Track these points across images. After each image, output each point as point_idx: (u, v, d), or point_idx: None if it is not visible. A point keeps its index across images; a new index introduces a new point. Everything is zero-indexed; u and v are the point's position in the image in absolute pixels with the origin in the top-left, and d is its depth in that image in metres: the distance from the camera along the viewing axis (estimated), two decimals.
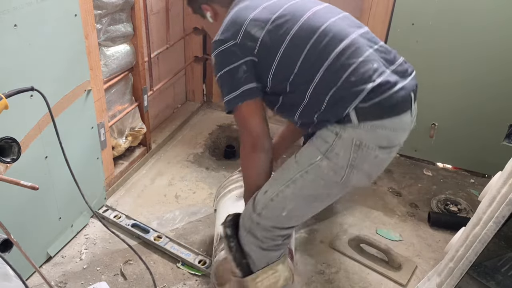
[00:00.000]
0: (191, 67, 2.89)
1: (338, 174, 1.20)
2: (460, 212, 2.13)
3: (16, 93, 1.07)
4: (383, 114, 1.16)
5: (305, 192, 1.24)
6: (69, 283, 1.66)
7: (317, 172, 1.21)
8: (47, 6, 1.43)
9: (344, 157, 1.18)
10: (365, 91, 1.14)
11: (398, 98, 1.17)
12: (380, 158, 1.20)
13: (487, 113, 2.24)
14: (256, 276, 1.28)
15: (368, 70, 1.17)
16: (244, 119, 1.27)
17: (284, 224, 1.28)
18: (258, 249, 1.29)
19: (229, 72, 1.24)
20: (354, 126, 1.16)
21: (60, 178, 1.67)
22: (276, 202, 1.25)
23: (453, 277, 1.18)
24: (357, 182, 1.23)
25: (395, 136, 1.20)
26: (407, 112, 1.21)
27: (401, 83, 1.19)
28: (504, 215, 1.03)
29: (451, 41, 2.16)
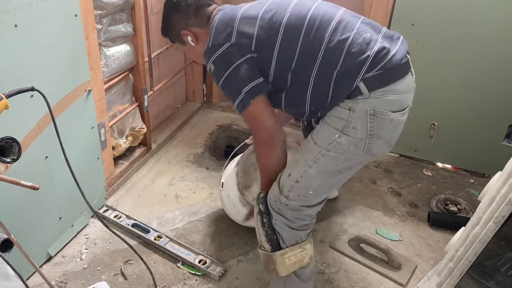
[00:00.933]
0: (191, 67, 2.89)
1: (359, 147, 1.25)
2: (459, 212, 2.13)
3: (16, 93, 1.07)
4: (389, 79, 1.23)
5: (328, 168, 1.29)
6: (70, 283, 1.66)
7: (337, 149, 1.26)
8: (48, 6, 1.43)
9: (362, 129, 1.23)
10: (369, 59, 1.21)
11: (397, 62, 1.25)
12: (395, 122, 1.26)
13: (487, 113, 2.24)
14: (285, 252, 1.33)
15: (364, 39, 1.24)
16: (255, 117, 1.30)
17: (312, 202, 1.33)
18: (288, 228, 1.33)
19: (231, 74, 1.27)
20: (365, 97, 1.22)
21: (61, 178, 1.67)
22: (302, 182, 1.29)
23: (453, 277, 1.18)
24: (379, 150, 1.29)
25: (404, 99, 1.27)
26: (409, 74, 1.30)
27: (394, 48, 1.27)
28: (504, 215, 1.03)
29: (451, 41, 2.16)
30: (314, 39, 1.25)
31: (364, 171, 2.42)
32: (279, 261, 1.33)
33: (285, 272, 1.34)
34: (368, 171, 2.42)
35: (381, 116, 1.23)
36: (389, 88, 1.23)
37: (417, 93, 1.39)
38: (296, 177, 1.30)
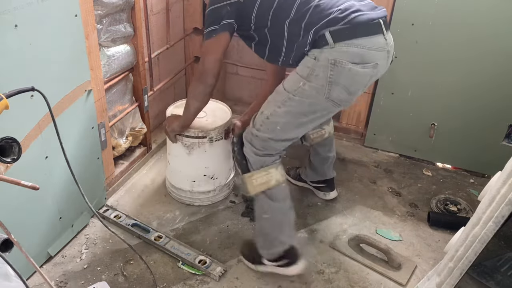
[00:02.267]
0: (191, 67, 2.89)
1: (320, 92, 1.45)
2: (459, 212, 2.13)
3: (16, 93, 1.07)
4: (354, 34, 1.41)
5: (294, 110, 1.50)
6: (70, 283, 1.67)
7: (302, 94, 1.47)
8: (48, 6, 1.43)
9: (323, 76, 1.43)
10: (334, 13, 1.41)
11: (365, 20, 1.42)
12: (353, 71, 1.42)
13: (486, 113, 2.24)
14: (252, 174, 1.59)
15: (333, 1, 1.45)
16: (205, 51, 1.58)
17: (279, 137, 1.55)
18: (255, 155, 1.58)
19: (216, 8, 1.53)
20: (330, 46, 1.41)
21: (61, 178, 1.67)
22: (271, 119, 1.53)
23: (453, 277, 1.18)
24: (338, 96, 1.46)
25: (368, 54, 1.43)
26: (379, 35, 1.46)
27: (367, 11, 1.45)
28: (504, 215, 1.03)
29: (451, 41, 2.16)
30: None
31: (364, 171, 2.42)
32: (248, 182, 1.60)
33: (253, 191, 1.61)
34: (368, 171, 2.42)
35: (340, 65, 1.41)
36: (353, 41, 1.41)
37: (417, 93, 1.40)
38: (267, 115, 1.55)
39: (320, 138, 1.94)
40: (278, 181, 1.59)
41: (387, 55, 1.52)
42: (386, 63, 1.55)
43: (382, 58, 1.50)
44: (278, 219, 1.65)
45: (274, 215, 1.63)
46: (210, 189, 2.08)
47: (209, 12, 1.55)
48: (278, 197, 1.61)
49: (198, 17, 2.67)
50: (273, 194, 1.60)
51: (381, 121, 2.49)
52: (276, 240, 1.66)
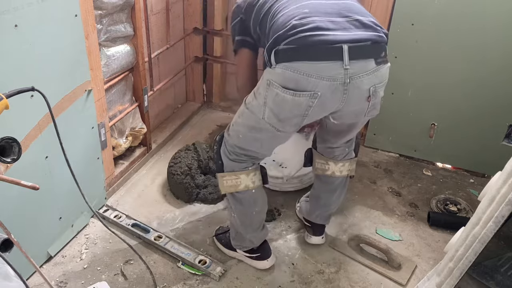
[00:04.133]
0: (191, 67, 2.89)
1: (260, 111, 1.42)
2: (459, 212, 2.13)
3: (16, 93, 1.07)
4: (296, 56, 1.28)
5: (247, 122, 1.49)
6: (70, 283, 1.67)
7: (251, 109, 1.47)
8: (48, 6, 1.43)
9: (262, 95, 1.40)
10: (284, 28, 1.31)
11: (316, 41, 1.26)
12: (280, 97, 1.33)
13: (486, 113, 2.24)
14: (223, 175, 1.60)
15: (297, 14, 1.33)
16: (237, 63, 1.88)
17: (244, 146, 1.55)
18: (226, 157, 1.59)
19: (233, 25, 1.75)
20: (273, 66, 1.34)
21: (61, 178, 1.67)
22: (234, 127, 1.55)
23: (453, 277, 1.18)
24: (270, 119, 1.41)
25: (305, 81, 1.28)
26: (332, 62, 1.27)
27: (331, 32, 1.28)
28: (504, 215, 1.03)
29: (451, 41, 2.16)
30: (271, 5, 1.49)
31: (364, 171, 2.42)
32: (220, 181, 1.62)
33: (223, 190, 1.63)
34: (368, 171, 2.42)
35: (272, 87, 1.34)
36: (292, 64, 1.28)
37: (417, 93, 1.38)
38: (232, 122, 1.57)
39: (321, 172, 1.77)
40: (247, 187, 1.59)
41: (344, 88, 1.30)
42: (343, 97, 1.32)
43: (329, 90, 1.29)
44: (245, 220, 1.67)
45: (239, 216, 1.67)
46: (278, 176, 2.12)
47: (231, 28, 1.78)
48: (244, 202, 1.63)
49: (198, 17, 2.68)
50: (241, 198, 1.62)
51: (381, 121, 2.49)
52: (245, 238, 1.72)
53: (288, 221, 2.04)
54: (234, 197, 1.64)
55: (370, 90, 1.35)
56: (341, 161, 1.74)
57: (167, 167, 2.17)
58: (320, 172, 1.79)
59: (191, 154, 2.18)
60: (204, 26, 2.74)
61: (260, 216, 1.70)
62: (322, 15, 1.32)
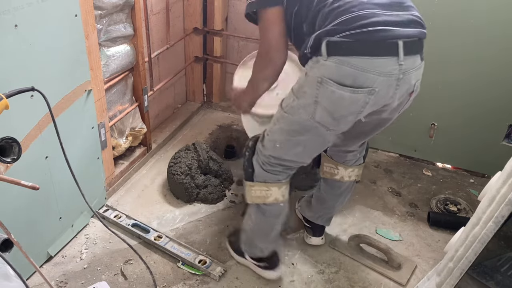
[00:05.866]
0: (191, 67, 2.89)
1: (307, 111, 1.32)
2: (459, 212, 2.13)
3: (16, 93, 1.07)
4: (353, 50, 1.20)
5: (287, 127, 1.41)
6: (70, 283, 1.67)
7: (291, 111, 1.37)
8: (48, 6, 1.43)
9: (310, 94, 1.29)
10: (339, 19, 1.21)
11: (375, 37, 1.19)
12: (337, 95, 1.25)
13: (486, 113, 2.24)
14: (253, 185, 1.53)
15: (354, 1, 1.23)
16: (264, 27, 1.40)
17: (281, 156, 1.46)
18: (259, 167, 1.51)
19: None
20: (323, 58, 1.24)
21: (61, 178, 1.67)
22: (270, 136, 1.46)
23: (453, 277, 1.18)
24: (321, 119, 1.32)
25: (363, 77, 1.22)
26: (388, 57, 1.22)
27: (392, 27, 1.21)
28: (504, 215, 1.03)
29: (451, 41, 2.16)
30: None
31: (364, 171, 2.41)
32: (247, 190, 1.55)
33: (250, 200, 1.56)
34: (368, 171, 2.42)
35: (325, 84, 1.25)
36: (348, 59, 1.21)
37: (417, 93, 1.38)
38: (267, 131, 1.48)
39: (330, 176, 1.73)
40: (277, 200, 1.53)
41: (397, 83, 1.27)
42: (394, 93, 1.29)
43: (385, 85, 1.25)
44: (263, 231, 1.63)
45: (261, 226, 1.62)
46: None
47: None
48: (271, 214, 1.58)
49: (198, 17, 2.68)
50: (267, 210, 1.57)
51: None
52: (256, 246, 1.68)
53: (288, 221, 2.03)
54: (259, 207, 1.57)
55: (415, 85, 1.35)
56: (351, 167, 1.70)
57: (167, 167, 2.17)
58: (328, 176, 1.74)
59: (191, 154, 2.18)
60: (204, 26, 2.74)
61: (279, 228, 1.64)
62: (379, 6, 1.24)
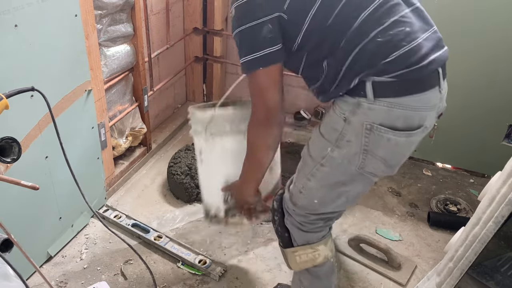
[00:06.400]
0: (191, 67, 2.89)
1: (352, 162, 1.14)
2: (459, 212, 2.13)
3: (16, 93, 1.07)
4: (403, 90, 1.06)
5: (327, 182, 1.21)
6: (70, 283, 1.67)
7: (331, 163, 1.17)
8: (48, 6, 1.43)
9: (356, 143, 1.11)
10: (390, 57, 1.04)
11: (426, 72, 1.07)
12: (393, 142, 1.09)
13: (487, 113, 2.24)
14: (296, 250, 1.32)
15: (400, 32, 1.05)
16: (261, 88, 1.14)
17: (320, 210, 1.27)
18: (297, 229, 1.30)
19: (251, 29, 1.09)
20: (368, 102, 1.07)
21: (61, 178, 1.67)
22: (305, 193, 1.25)
23: (453, 277, 1.18)
24: (374, 169, 1.15)
25: (416, 116, 1.09)
26: (434, 89, 1.11)
27: (433, 55, 1.09)
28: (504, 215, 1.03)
29: (451, 42, 2.14)
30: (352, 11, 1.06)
31: None
32: (290, 258, 1.34)
33: (297, 268, 1.35)
34: None
35: (378, 132, 1.08)
36: (399, 100, 1.06)
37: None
38: (299, 188, 1.26)
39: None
40: (327, 258, 1.32)
41: (437, 111, 1.18)
42: (435, 120, 1.20)
43: (432, 118, 1.16)
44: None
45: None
46: None
47: (243, 33, 1.11)
48: (323, 275, 1.36)
49: (198, 17, 2.67)
50: (318, 271, 1.35)
51: None
52: None
53: None
54: (310, 272, 1.35)
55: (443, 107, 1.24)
56: None
57: (167, 167, 2.17)
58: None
59: (191, 154, 2.18)
60: (204, 26, 2.74)
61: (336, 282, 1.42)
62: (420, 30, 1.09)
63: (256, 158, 1.27)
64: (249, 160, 1.29)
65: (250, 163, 1.30)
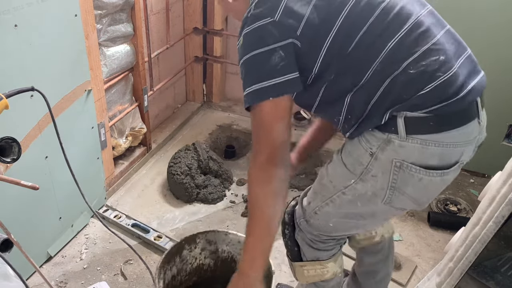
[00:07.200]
0: (191, 67, 2.89)
1: (378, 196, 1.04)
2: (459, 212, 2.13)
3: (16, 93, 1.07)
4: (441, 125, 0.95)
5: (345, 210, 1.12)
6: (70, 283, 1.66)
7: (354, 193, 1.07)
8: (48, 6, 1.43)
9: (383, 179, 1.01)
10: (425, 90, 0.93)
11: (464, 105, 0.96)
12: (426, 181, 0.99)
13: (487, 113, 2.23)
14: (304, 264, 1.27)
15: (435, 62, 0.94)
16: (267, 121, 0.98)
17: (332, 233, 1.20)
18: (308, 246, 1.25)
19: (259, 55, 0.97)
20: (399, 139, 0.96)
21: (61, 178, 1.67)
22: (320, 215, 1.17)
23: (453, 277, 1.18)
24: (401, 205, 1.06)
25: (452, 153, 0.99)
26: (473, 121, 1.00)
27: (470, 83, 0.97)
28: (504, 215, 1.03)
29: None
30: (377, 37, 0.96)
31: None
32: (298, 271, 1.29)
33: (304, 281, 1.31)
34: None
35: (408, 171, 0.98)
36: (435, 137, 0.95)
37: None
38: (314, 209, 1.17)
39: (368, 242, 1.38)
40: (335, 274, 1.27)
41: (476, 143, 1.07)
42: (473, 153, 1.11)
43: (470, 151, 1.06)
44: None
45: None
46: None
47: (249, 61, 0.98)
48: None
49: (198, 17, 2.68)
50: (325, 286, 1.31)
51: None
52: None
53: None
54: (317, 286, 1.31)
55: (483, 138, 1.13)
56: None
57: (167, 167, 2.17)
58: (366, 243, 1.38)
59: (191, 154, 2.18)
60: (204, 26, 2.74)
61: None
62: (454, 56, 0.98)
63: (262, 215, 1.03)
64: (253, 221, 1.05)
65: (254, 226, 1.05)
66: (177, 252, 1.45)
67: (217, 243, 1.51)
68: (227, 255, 1.53)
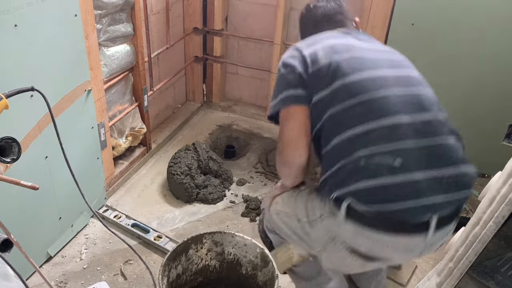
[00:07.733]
0: (191, 67, 2.89)
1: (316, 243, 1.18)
2: None
3: (16, 93, 1.07)
4: (377, 226, 1.00)
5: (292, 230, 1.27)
6: (69, 283, 1.66)
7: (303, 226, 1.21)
8: (48, 6, 1.43)
9: (320, 236, 1.14)
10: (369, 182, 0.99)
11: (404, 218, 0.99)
12: (349, 261, 1.10)
13: (487, 113, 2.24)
14: (276, 252, 1.42)
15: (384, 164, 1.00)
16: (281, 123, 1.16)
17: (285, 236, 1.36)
18: (272, 233, 1.41)
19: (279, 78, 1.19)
20: (341, 219, 1.03)
21: (60, 178, 1.67)
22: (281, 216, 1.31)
23: (453, 277, 1.18)
24: (327, 263, 1.19)
25: (380, 249, 1.05)
26: (415, 237, 1.02)
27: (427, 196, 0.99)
28: (504, 215, 1.03)
29: (451, 42, 2.16)
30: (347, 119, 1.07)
31: None
32: (274, 260, 1.44)
33: (280, 269, 1.43)
34: None
35: (337, 245, 1.10)
36: (369, 233, 1.01)
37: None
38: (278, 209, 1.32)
39: None
40: (302, 256, 1.35)
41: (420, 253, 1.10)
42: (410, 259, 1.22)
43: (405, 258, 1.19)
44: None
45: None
46: None
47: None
48: (306, 275, 1.40)
49: (198, 17, 2.68)
50: (299, 272, 1.40)
51: None
52: None
53: None
54: (294, 274, 1.41)
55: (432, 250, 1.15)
56: None
57: (167, 167, 2.17)
58: None
59: (191, 154, 2.18)
60: (204, 26, 2.74)
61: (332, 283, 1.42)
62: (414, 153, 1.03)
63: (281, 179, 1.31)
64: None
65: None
66: (182, 251, 1.49)
67: (223, 244, 1.55)
68: (233, 258, 1.57)
